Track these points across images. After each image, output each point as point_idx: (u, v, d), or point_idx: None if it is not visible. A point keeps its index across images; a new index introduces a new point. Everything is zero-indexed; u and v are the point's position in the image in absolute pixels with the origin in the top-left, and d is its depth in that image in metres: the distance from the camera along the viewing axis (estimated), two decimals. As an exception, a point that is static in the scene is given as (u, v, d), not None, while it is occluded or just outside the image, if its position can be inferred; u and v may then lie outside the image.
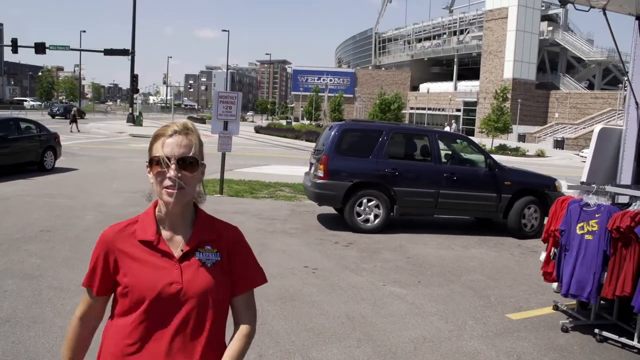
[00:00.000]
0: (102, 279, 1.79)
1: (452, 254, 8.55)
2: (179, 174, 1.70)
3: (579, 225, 5.33)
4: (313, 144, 11.41)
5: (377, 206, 9.63)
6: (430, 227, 10.56)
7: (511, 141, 50.80)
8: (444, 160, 10.32)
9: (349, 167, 9.59)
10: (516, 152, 39.16)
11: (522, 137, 58.96)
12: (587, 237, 5.25)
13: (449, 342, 4.97)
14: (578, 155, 41.17)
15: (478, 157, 10.58)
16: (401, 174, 9.67)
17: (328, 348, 4.67)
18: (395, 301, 6.01)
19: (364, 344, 4.80)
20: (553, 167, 26.52)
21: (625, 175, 6.13)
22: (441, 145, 10.46)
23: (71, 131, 33.21)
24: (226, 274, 1.83)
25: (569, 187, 5.77)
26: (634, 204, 5.06)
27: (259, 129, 47.15)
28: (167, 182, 1.70)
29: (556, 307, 6.07)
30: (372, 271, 7.19)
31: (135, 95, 49.38)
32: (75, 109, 40.69)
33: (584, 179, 6.14)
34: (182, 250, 1.77)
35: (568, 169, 28.00)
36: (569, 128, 58.77)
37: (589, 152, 6.33)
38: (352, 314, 5.46)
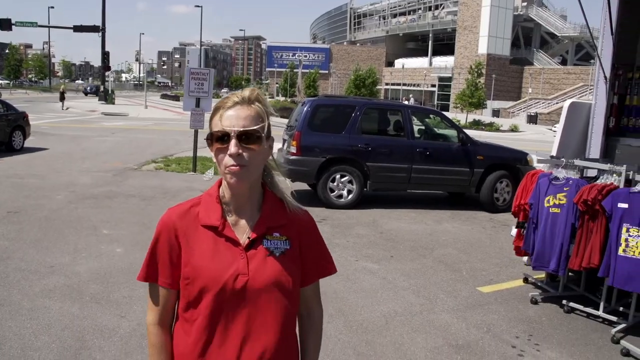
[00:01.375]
0: (167, 268, 1.59)
1: (424, 228, 8.61)
2: (240, 150, 1.49)
3: (547, 198, 5.39)
4: (287, 120, 11.32)
5: (350, 182, 9.63)
6: (403, 202, 10.60)
7: (485, 116, 51.13)
8: (417, 135, 10.34)
9: (322, 143, 9.55)
10: (490, 127, 39.45)
11: (496, 113, 59.38)
12: (555, 210, 5.31)
13: (420, 316, 5.01)
14: (551, 130, 41.62)
15: (451, 132, 10.61)
16: (374, 150, 9.67)
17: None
18: (367, 276, 6.03)
19: (336, 319, 4.81)
20: (526, 142, 26.79)
21: (594, 149, 6.20)
22: (414, 120, 10.46)
23: (62, 109, 35.58)
24: (297, 263, 1.64)
25: (539, 161, 5.82)
26: (601, 177, 5.12)
27: (232, 106, 46.56)
28: (228, 160, 1.50)
29: (526, 280, 6.16)
30: (345, 246, 7.20)
31: (107, 73, 48.38)
32: (63, 86, 42.14)
33: (554, 153, 6.19)
34: (248, 238, 1.58)
35: (541, 143, 28.31)
36: (542, 103, 59.33)
37: (558, 127, 6.38)
38: (324, 290, 5.40)
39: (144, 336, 4.12)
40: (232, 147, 1.48)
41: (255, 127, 1.51)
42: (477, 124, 39.48)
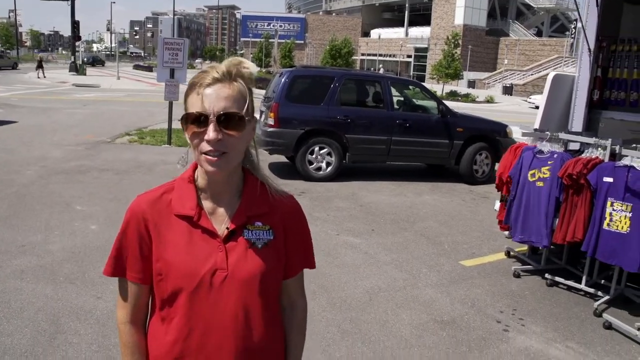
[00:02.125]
0: (137, 261, 1.43)
1: (405, 201, 8.55)
2: (220, 136, 1.31)
3: (531, 172, 5.33)
4: (263, 91, 11.10)
5: (329, 154, 9.50)
6: (382, 174, 10.52)
7: (461, 87, 51.20)
8: (396, 107, 10.22)
9: (300, 115, 9.37)
10: (466, 98, 39.53)
11: (471, 84, 59.49)
12: (539, 184, 5.26)
13: (404, 292, 4.95)
14: (526, 101, 41.87)
15: (430, 104, 10.51)
16: (353, 121, 9.53)
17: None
18: (349, 251, 5.95)
19: (318, 296, 4.73)
20: (502, 113, 26.87)
21: (577, 122, 6.15)
22: (394, 91, 10.33)
23: (38, 77, 35.82)
24: (280, 255, 1.49)
25: (523, 134, 5.75)
26: (586, 151, 5.06)
27: (207, 76, 45.89)
28: (206, 147, 1.31)
29: (508, 253, 6.14)
30: (325, 220, 7.11)
31: (77, 43, 47.13)
32: (40, 55, 42.98)
33: (537, 125, 6.13)
34: (227, 228, 1.42)
35: (517, 114, 28.49)
36: (518, 74, 59.58)
37: (542, 99, 6.31)
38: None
39: (121, 318, 3.99)
40: (211, 131, 1.30)
41: (237, 110, 1.33)
42: (453, 95, 39.52)
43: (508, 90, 53.15)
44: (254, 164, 1.51)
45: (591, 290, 5.13)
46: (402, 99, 10.75)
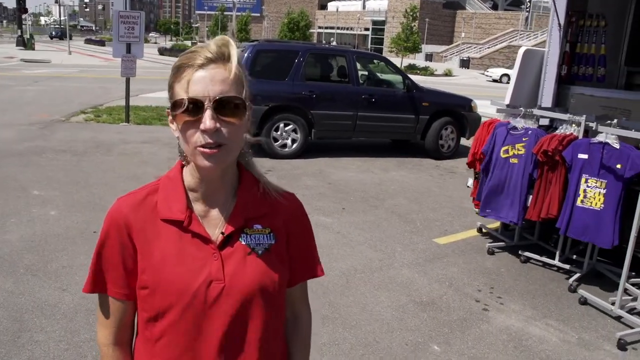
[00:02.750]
0: (119, 275, 1.24)
1: (372, 177, 8.47)
2: (218, 124, 1.12)
3: (504, 148, 5.29)
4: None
5: (294, 130, 9.33)
6: (348, 150, 10.41)
7: (419, 61, 51.37)
8: (361, 81, 10.08)
9: (264, 91, 9.12)
10: (425, 71, 39.70)
11: (429, 57, 59.75)
12: (513, 160, 5.23)
13: (381, 272, 4.88)
14: (483, 74, 42.33)
15: (396, 78, 10.41)
16: (319, 97, 9.36)
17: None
18: (321, 231, 5.83)
19: (295, 280, 4.60)
20: (461, 87, 27.06)
21: (546, 97, 6.12)
22: (359, 66, 10.18)
23: None
24: (283, 261, 1.30)
25: (497, 111, 5.69)
26: (560, 127, 5.04)
27: (162, 51, 44.89)
28: (200, 139, 1.13)
29: (480, 230, 6.13)
30: (294, 200, 6.95)
31: (23, 16, 45.12)
32: None
33: (507, 101, 6.08)
34: (222, 233, 1.23)
35: (475, 88, 28.73)
36: (474, 48, 60.08)
37: (512, 74, 6.26)
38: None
39: (90, 311, 3.78)
40: (208, 120, 1.11)
41: (236, 93, 1.15)
42: (412, 69, 39.59)
43: (465, 64, 53.61)
44: (250, 159, 1.33)
45: (564, 265, 5.16)
46: (367, 73, 10.61)
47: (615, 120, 4.65)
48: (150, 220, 1.23)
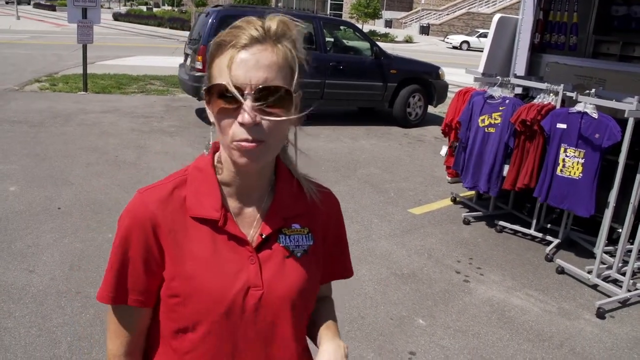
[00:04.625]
0: (141, 281, 1.09)
1: (342, 146, 8.36)
2: (259, 118, 0.97)
3: (481, 117, 5.23)
4: (178, 32, 10.38)
5: (261, 99, 9.10)
6: (316, 118, 10.22)
7: (379, 27, 51.02)
8: (329, 48, 9.88)
9: None
10: (386, 38, 39.44)
11: (388, 23, 59.39)
12: (490, 129, 5.18)
13: (359, 245, 4.80)
14: (444, 41, 42.38)
15: (363, 45, 10.24)
16: (286, 65, 9.13)
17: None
18: (295, 203, 5.71)
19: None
20: (422, 53, 26.99)
21: (520, 66, 6.08)
22: (326, 32, 9.96)
23: None
24: (319, 263, 1.18)
25: (475, 80, 5.61)
26: (538, 96, 5.00)
27: (117, 17, 43.20)
28: (238, 132, 0.98)
29: (454, 199, 6.11)
30: (264, 171, 6.80)
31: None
32: None
33: (481, 69, 6.02)
34: (261, 235, 1.10)
35: (436, 54, 28.74)
36: (434, 14, 59.97)
37: (486, 42, 6.18)
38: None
39: (61, 293, 3.59)
40: (247, 112, 0.96)
41: (281, 83, 0.99)
42: (372, 35, 39.22)
43: (425, 30, 53.50)
44: (286, 152, 1.19)
45: (539, 234, 5.19)
46: (334, 40, 10.40)
47: (593, 90, 4.63)
48: (179, 219, 1.08)
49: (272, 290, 1.08)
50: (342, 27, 11.25)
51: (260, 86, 0.96)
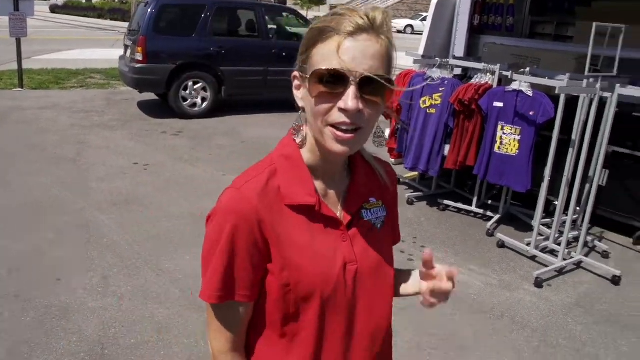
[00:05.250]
0: (248, 275, 1.09)
1: (284, 133, 8.26)
2: (361, 105, 0.99)
3: (422, 99, 5.33)
4: (119, 24, 10.13)
5: (204, 89, 9.03)
6: (260, 107, 10.19)
7: (323, 12, 51.00)
8: (271, 35, 9.84)
9: (171, 48, 8.71)
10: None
11: (334, 9, 59.39)
12: (430, 110, 5.29)
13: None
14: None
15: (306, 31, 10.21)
16: (228, 53, 9.06)
17: (179, 255, 4.27)
18: (241, 191, 5.69)
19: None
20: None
21: (459, 47, 6.22)
22: (268, 19, 9.91)
23: None
24: (391, 232, 1.27)
25: (415, 62, 5.70)
26: (475, 76, 5.12)
27: (55, 9, 41.71)
28: (337, 117, 1.00)
29: (398, 180, 6.20)
30: (208, 160, 6.76)
31: None
32: None
33: (421, 52, 6.12)
34: (350, 213, 1.15)
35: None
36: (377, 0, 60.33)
37: (426, 25, 6.28)
38: (197, 212, 5.08)
39: None
40: (351, 98, 0.97)
41: (384, 73, 1.01)
42: (317, 21, 39.30)
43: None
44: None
45: (481, 211, 5.34)
46: (277, 27, 10.36)
47: (527, 69, 4.78)
48: (277, 209, 1.09)
49: (364, 263, 1.14)
50: (284, 14, 11.19)
51: (366, 74, 0.98)
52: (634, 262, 4.77)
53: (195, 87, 8.96)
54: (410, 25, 39.36)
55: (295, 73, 1.08)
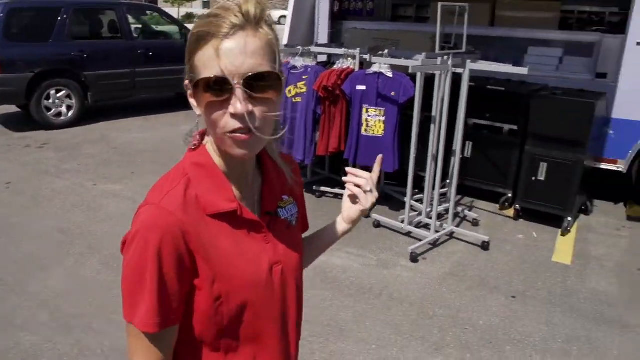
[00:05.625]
0: (177, 296, 1.01)
1: (160, 135, 8.09)
2: (251, 106, 0.94)
3: (288, 88, 5.31)
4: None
5: (68, 96, 8.49)
6: (131, 110, 9.76)
7: (197, 9, 50.04)
8: (136, 35, 9.45)
9: (27, 55, 8.10)
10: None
11: (207, 4, 58.43)
12: (297, 99, 5.28)
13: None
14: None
15: (172, 29, 9.94)
16: (90, 57, 8.57)
17: (47, 275, 3.97)
18: (111, 201, 5.42)
19: (89, 258, 4.22)
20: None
21: (322, 34, 6.27)
22: (131, 19, 9.50)
23: None
24: (302, 226, 1.29)
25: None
26: (337, 62, 5.17)
27: None
28: (230, 122, 0.95)
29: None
30: (77, 171, 6.37)
31: None
32: None
33: (285, 41, 6.11)
34: (269, 213, 1.14)
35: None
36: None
37: (287, 14, 6.27)
38: (65, 227, 4.77)
39: None
40: (238, 102, 0.93)
41: (269, 68, 0.96)
42: (189, 18, 38.48)
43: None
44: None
45: (357, 194, 5.42)
46: (142, 26, 9.97)
47: (386, 51, 4.89)
48: (199, 219, 1.03)
49: (287, 261, 1.14)
50: (148, 12, 10.79)
51: (250, 74, 0.93)
52: (500, 227, 5.06)
53: (59, 95, 8.40)
54: (284, 16, 39.44)
55: (186, 82, 1.02)
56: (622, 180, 5.49)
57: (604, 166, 5.34)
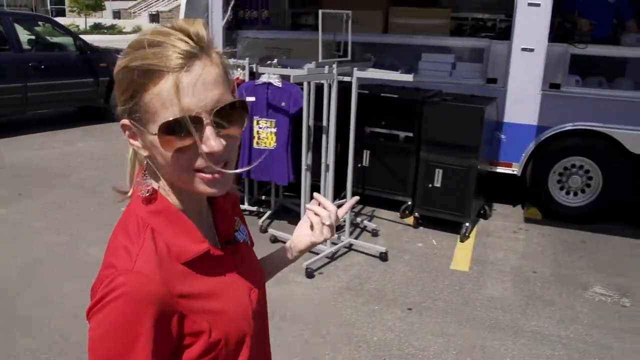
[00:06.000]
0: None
1: (55, 153, 7.62)
2: (224, 142, 0.88)
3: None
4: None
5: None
6: (23, 126, 9.14)
7: (106, 19, 48.47)
8: (26, 47, 8.90)
9: None
10: (112, 30, 37.76)
11: (117, 14, 56.78)
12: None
13: (68, 258, 4.37)
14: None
15: (66, 40, 9.43)
16: (-27, 71, 8.00)
17: None
18: (-7, 226, 5.03)
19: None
20: (153, 42, 26.27)
21: (217, 44, 6.07)
22: (21, 30, 8.94)
23: None
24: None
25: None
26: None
27: None
28: (201, 162, 0.88)
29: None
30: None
31: None
32: None
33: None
34: (227, 242, 1.07)
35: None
36: (162, 1, 58.84)
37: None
38: None
39: None
40: (212, 139, 0.86)
41: (231, 97, 0.90)
42: (98, 28, 37.33)
43: (155, 18, 52.10)
44: None
45: (254, 208, 5.27)
46: (33, 37, 9.41)
47: (275, 60, 4.77)
48: (178, 272, 0.93)
49: (256, 284, 1.09)
50: (40, 23, 10.21)
51: (217, 108, 0.86)
52: (400, 235, 5.04)
53: (-61, 112, 7.79)
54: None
55: (125, 122, 0.90)
56: (518, 183, 5.62)
57: (499, 170, 5.44)
